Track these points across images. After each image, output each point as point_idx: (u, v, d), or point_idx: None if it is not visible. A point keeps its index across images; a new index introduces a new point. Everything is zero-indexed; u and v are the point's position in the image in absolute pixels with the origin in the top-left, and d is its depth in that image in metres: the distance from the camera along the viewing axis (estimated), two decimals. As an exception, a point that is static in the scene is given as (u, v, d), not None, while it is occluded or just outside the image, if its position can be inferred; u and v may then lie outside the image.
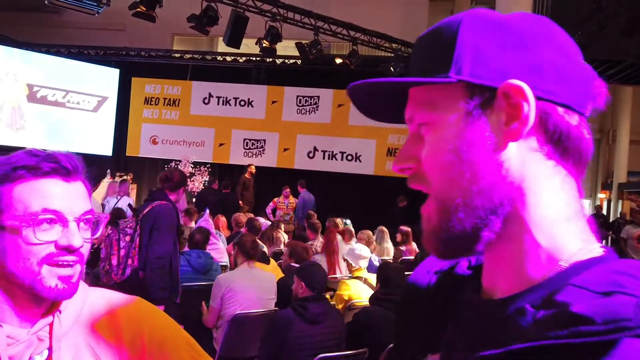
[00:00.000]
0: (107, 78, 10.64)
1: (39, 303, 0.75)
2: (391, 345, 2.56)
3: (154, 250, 2.93)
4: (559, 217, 0.48)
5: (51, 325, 0.75)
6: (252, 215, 6.50)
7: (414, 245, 5.94)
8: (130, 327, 0.80)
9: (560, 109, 0.47)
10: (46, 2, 6.29)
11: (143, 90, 10.70)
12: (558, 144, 0.48)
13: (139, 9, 6.40)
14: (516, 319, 0.45)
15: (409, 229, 6.07)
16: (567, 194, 0.48)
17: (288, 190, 8.78)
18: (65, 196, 0.74)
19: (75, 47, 10.67)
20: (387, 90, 0.54)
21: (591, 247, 0.47)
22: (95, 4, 6.43)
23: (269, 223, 6.19)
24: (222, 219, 6.41)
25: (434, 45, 0.50)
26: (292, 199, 8.82)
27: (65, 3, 6.30)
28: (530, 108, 0.46)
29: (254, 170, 9.36)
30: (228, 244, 5.26)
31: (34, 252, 0.71)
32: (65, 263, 0.72)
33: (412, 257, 5.50)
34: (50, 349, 0.74)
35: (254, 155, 10.31)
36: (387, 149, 9.70)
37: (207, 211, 5.35)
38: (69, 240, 0.72)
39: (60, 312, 0.76)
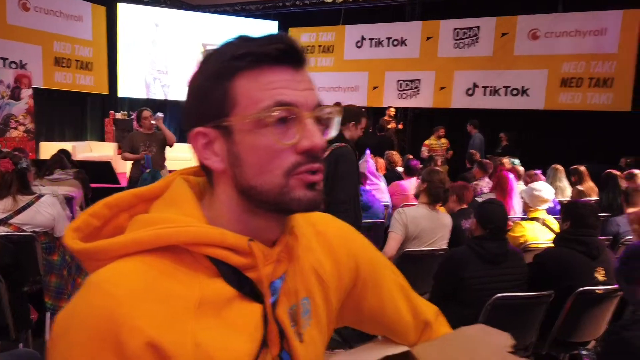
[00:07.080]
0: (268, 31, 11.21)
1: (279, 220, 0.64)
2: (580, 289, 2.35)
3: (337, 197, 2.87)
4: None
5: (288, 246, 0.65)
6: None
7: (591, 184, 5.24)
8: (342, 245, 0.75)
9: None
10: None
11: (299, 40, 11.08)
12: None
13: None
14: None
15: (583, 167, 5.38)
16: None
17: (442, 130, 8.53)
18: (297, 86, 0.59)
19: (238, 5, 11.44)
20: None
21: None
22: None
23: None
24: (381, 160, 6.45)
25: None
26: (444, 140, 8.60)
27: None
28: None
29: (392, 112, 9.34)
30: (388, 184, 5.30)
31: (277, 161, 0.57)
32: (311, 170, 0.59)
33: (594, 198, 4.89)
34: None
35: (409, 97, 10.08)
36: (561, 80, 8.59)
37: (368, 152, 5.39)
38: (311, 142, 0.58)
39: (295, 230, 0.67)
